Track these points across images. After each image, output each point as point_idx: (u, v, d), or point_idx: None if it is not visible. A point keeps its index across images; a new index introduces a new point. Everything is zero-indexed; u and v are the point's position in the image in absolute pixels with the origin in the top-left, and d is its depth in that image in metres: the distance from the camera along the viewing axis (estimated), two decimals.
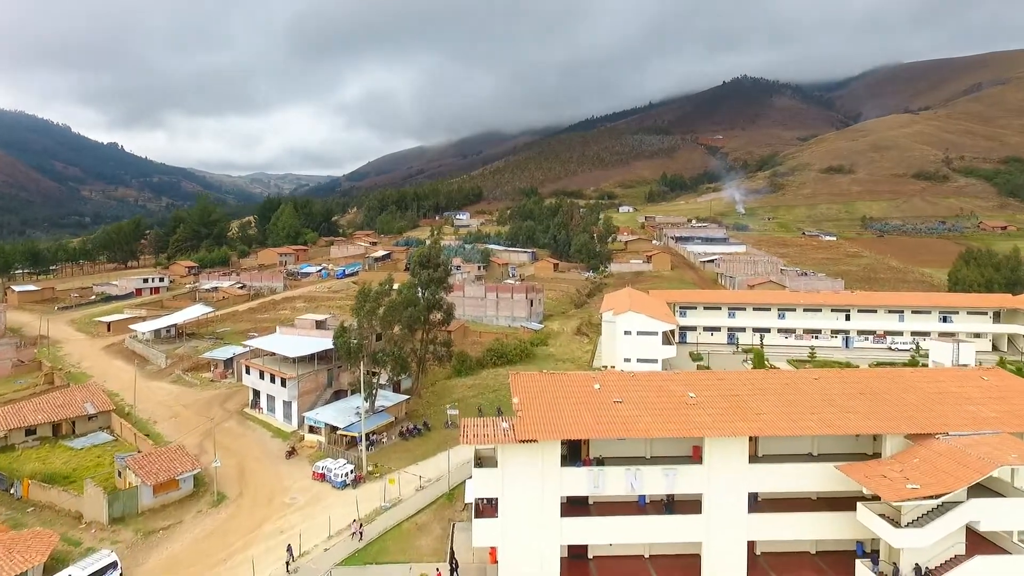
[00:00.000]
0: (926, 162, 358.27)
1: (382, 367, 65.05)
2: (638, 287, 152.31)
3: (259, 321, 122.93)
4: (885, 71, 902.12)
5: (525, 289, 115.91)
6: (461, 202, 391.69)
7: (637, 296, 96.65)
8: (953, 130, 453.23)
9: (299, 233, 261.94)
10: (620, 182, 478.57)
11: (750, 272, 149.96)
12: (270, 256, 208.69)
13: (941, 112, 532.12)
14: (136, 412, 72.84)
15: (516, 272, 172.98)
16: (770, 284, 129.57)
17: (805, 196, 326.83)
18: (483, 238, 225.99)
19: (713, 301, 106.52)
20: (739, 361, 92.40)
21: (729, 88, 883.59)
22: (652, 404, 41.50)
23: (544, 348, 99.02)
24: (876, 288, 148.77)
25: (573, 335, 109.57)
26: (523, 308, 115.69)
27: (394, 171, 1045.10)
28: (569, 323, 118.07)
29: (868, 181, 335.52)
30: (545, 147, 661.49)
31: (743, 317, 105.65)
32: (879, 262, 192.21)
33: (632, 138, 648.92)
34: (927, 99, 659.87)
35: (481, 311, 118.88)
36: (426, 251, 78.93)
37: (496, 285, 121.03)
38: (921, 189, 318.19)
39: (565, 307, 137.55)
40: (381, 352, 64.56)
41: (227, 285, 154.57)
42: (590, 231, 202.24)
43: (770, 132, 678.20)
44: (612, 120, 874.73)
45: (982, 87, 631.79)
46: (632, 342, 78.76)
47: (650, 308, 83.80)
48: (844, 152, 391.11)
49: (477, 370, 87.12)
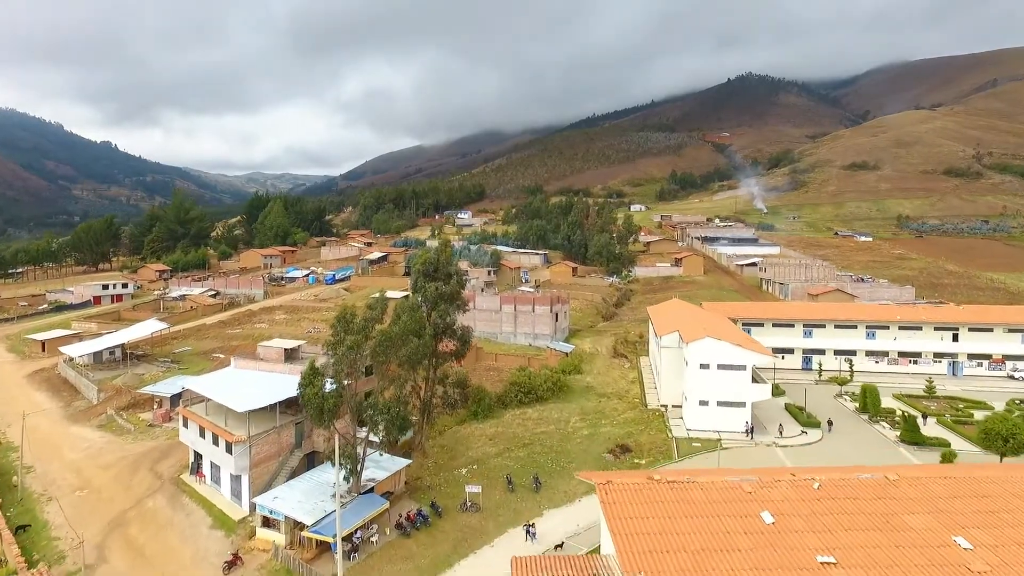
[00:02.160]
0: (955, 158, 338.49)
1: (372, 427, 44.61)
2: (672, 295, 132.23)
3: (229, 337, 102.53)
4: (893, 69, 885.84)
5: (549, 300, 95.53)
6: (462, 200, 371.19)
7: (702, 316, 76.32)
8: (975, 126, 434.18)
9: (288, 233, 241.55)
10: (628, 180, 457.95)
11: (802, 277, 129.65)
12: (253, 258, 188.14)
13: (958, 108, 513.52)
14: (27, 483, 52.32)
15: (529, 277, 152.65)
16: (836, 294, 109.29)
17: (830, 194, 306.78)
18: (489, 238, 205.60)
19: (785, 317, 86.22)
20: (830, 395, 72.21)
21: (734, 86, 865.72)
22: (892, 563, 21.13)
23: (579, 377, 78.66)
24: (944, 297, 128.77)
25: (610, 358, 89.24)
26: (547, 324, 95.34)
27: (392, 170, 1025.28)
28: (602, 341, 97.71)
29: (896, 178, 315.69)
30: (548, 144, 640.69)
31: (822, 336, 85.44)
32: (933, 265, 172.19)
33: (638, 135, 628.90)
34: (938, 96, 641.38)
35: (495, 327, 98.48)
36: (432, 256, 58.57)
37: (513, 295, 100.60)
38: (954, 186, 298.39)
39: (591, 318, 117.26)
40: (370, 407, 44.11)
41: (198, 292, 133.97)
42: (609, 231, 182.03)
43: (778, 130, 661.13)
44: (615, 118, 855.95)
45: (998, 83, 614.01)
46: (711, 379, 58.51)
47: (730, 333, 63.50)
48: (866, 148, 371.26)
49: (499, 412, 66.83)
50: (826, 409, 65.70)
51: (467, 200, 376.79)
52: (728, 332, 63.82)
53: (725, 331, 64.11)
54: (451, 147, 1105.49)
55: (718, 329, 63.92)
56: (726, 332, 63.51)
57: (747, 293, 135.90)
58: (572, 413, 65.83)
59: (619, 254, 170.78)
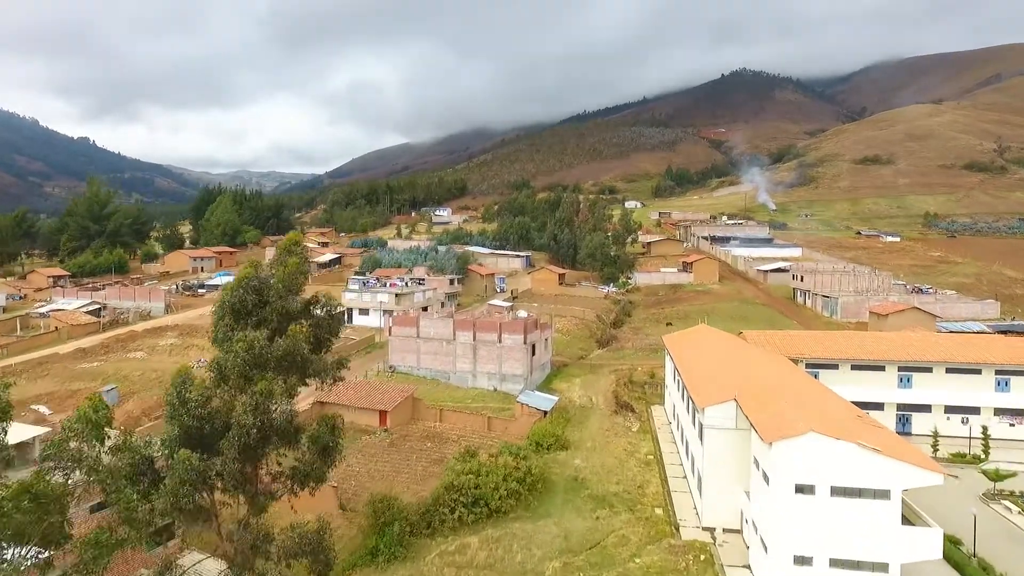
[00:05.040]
0: (975, 152, 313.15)
1: None
2: (684, 309, 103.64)
3: (75, 376, 72.89)
4: (889, 65, 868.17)
5: (523, 327, 66.43)
6: (442, 196, 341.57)
7: (760, 361, 47.48)
8: (988, 120, 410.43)
9: (238, 231, 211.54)
10: (621, 175, 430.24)
11: (851, 288, 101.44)
12: (179, 261, 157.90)
13: (965, 103, 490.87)
14: None
15: (505, 286, 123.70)
16: (913, 314, 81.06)
17: (843, 190, 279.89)
18: (463, 237, 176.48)
19: (871, 356, 57.56)
20: (971, 492, 43.62)
21: (729, 81, 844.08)
22: None
23: (563, 457, 49.71)
24: None
25: (610, 414, 60.38)
26: (519, 360, 66.36)
27: (378, 168, 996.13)
28: (597, 383, 68.95)
29: (915, 173, 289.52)
30: (537, 139, 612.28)
31: (927, 385, 57.14)
32: (988, 271, 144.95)
33: (630, 130, 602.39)
34: (938, 92, 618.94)
35: (447, 363, 69.36)
36: (254, 277, 29.57)
37: (473, 319, 71.21)
38: (979, 182, 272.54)
39: (582, 344, 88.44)
40: None
41: (76, 307, 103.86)
42: (604, 229, 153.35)
43: (775, 125, 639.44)
44: (606, 115, 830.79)
45: (1002, 78, 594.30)
46: (818, 513, 29.87)
47: (841, 414, 34.50)
48: (877, 141, 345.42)
49: (418, 546, 37.73)
50: (993, 539, 37.08)
51: (447, 196, 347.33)
52: (836, 411, 34.97)
53: (828, 406, 35.33)
54: (439, 144, 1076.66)
55: (813, 400, 35.20)
56: (831, 409, 34.72)
57: (779, 308, 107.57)
58: (549, 550, 36.91)
59: (616, 257, 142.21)
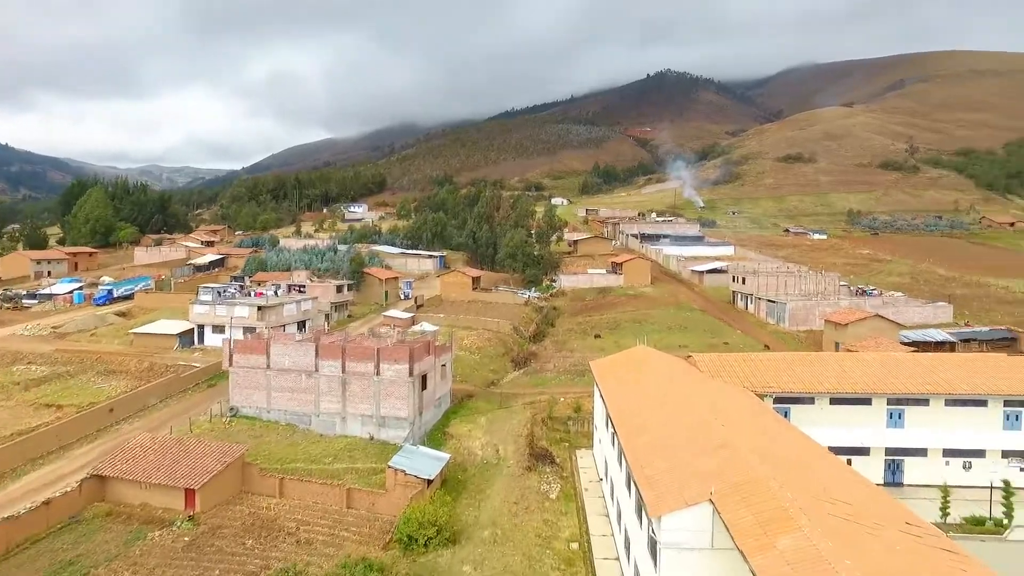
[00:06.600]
0: (888, 152, 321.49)
1: None
2: (615, 316, 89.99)
3: None
4: (804, 70, 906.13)
5: (408, 354, 49.72)
6: (359, 192, 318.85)
7: (725, 405, 32.55)
8: (896, 122, 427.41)
9: (112, 228, 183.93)
10: (548, 172, 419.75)
11: (795, 289, 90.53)
12: (18, 264, 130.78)
13: (874, 106, 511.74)
14: None
15: (412, 292, 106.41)
16: (875, 321, 69.96)
17: (769, 187, 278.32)
18: (371, 236, 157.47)
19: (853, 389, 44.48)
20: None
21: (654, 81, 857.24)
22: None
23: (446, 564, 33.39)
24: (974, 313, 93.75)
25: (522, 472, 44.70)
26: (402, 398, 49.71)
27: (300, 163, 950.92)
28: (508, 422, 53.27)
29: (835, 171, 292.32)
30: (462, 135, 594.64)
31: (921, 422, 44.74)
32: (919, 269, 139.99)
33: (558, 128, 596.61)
34: (848, 96, 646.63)
35: (308, 405, 51.74)
36: None
37: (344, 343, 53.70)
38: (895, 180, 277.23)
39: (495, 365, 72.64)
40: None
41: None
42: (527, 226, 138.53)
43: (698, 125, 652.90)
44: (534, 112, 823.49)
45: (905, 84, 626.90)
46: None
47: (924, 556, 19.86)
48: (798, 140, 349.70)
49: None
50: None
51: (364, 192, 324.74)
52: (880, 508, 20.35)
53: (857, 494, 20.70)
54: (364, 140, 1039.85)
55: (832, 482, 20.53)
56: (865, 500, 20.07)
57: (718, 314, 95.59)
58: None
59: (539, 257, 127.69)
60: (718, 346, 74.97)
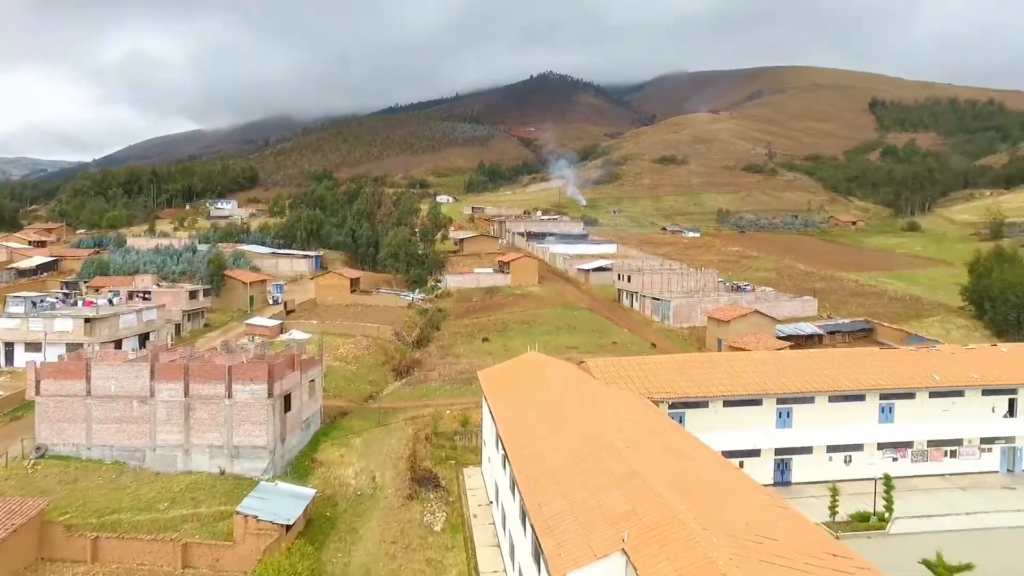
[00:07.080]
0: (750, 156, 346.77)
1: None
2: (503, 317, 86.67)
3: None
4: (676, 78, 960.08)
5: (267, 370, 42.73)
6: (227, 187, 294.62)
7: (622, 419, 29.18)
8: (756, 128, 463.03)
9: None
10: (433, 169, 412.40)
11: (677, 287, 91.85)
12: None
13: (735, 114, 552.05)
14: None
15: (282, 296, 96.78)
16: (755, 317, 71.42)
17: (646, 187, 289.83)
18: (238, 234, 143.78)
19: (746, 390, 43.45)
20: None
21: (537, 83, 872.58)
22: None
23: None
24: (834, 306, 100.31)
25: (402, 503, 39.43)
26: (260, 424, 42.63)
27: (162, 156, 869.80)
28: (386, 441, 47.63)
29: (705, 173, 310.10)
30: (344, 129, 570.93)
31: (807, 420, 44.66)
32: (782, 265, 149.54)
33: (442, 125, 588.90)
34: (714, 104, 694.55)
35: (143, 437, 43.11)
36: None
37: (186, 361, 45.47)
38: (757, 182, 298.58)
39: (375, 375, 66.40)
40: None
41: None
42: (410, 224, 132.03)
43: (580, 127, 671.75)
44: (418, 109, 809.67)
45: (762, 95, 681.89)
46: None
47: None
48: (671, 143, 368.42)
49: None
50: None
51: (233, 187, 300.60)
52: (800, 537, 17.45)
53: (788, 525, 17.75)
54: (235, 132, 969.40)
55: (751, 511, 17.42)
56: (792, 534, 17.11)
57: (605, 312, 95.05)
58: None
59: (423, 256, 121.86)
60: (607, 346, 73.58)
